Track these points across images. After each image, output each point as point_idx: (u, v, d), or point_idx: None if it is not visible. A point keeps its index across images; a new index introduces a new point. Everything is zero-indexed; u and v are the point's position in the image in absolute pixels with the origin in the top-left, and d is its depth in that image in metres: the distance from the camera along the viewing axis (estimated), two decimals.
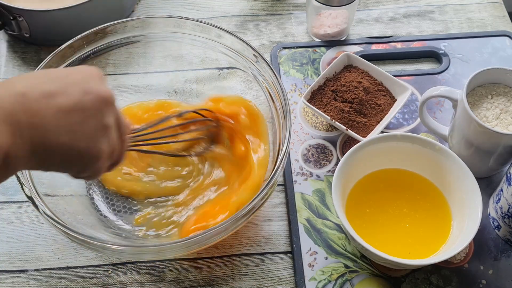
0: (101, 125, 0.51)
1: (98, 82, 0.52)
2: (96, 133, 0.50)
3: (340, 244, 0.73)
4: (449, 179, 0.72)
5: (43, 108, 0.47)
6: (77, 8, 0.86)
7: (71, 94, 0.49)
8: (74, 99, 0.49)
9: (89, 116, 0.50)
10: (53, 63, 0.75)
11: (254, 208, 0.66)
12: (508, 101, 0.74)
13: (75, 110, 0.49)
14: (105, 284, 0.71)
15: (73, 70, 0.52)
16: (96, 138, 0.51)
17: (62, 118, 0.48)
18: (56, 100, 0.48)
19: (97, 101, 0.50)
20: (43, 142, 0.47)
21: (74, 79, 0.50)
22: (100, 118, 0.51)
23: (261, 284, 0.71)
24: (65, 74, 0.51)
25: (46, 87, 0.48)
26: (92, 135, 0.50)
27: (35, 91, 0.47)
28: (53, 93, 0.48)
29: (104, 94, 0.51)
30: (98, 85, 0.51)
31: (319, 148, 0.81)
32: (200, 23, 0.79)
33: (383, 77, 0.83)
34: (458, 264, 0.72)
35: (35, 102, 0.47)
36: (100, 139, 0.51)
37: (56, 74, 0.50)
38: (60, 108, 0.48)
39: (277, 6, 0.97)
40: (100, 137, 0.51)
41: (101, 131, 0.51)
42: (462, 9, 0.97)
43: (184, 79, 0.85)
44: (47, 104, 0.47)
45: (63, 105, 0.48)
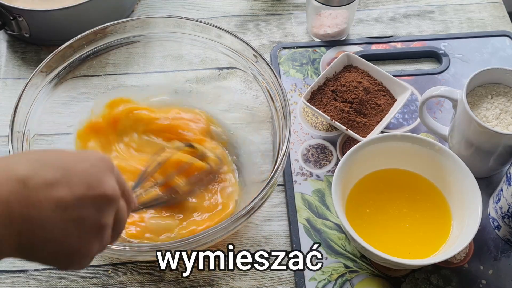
0: (98, 226, 0.47)
1: (105, 176, 0.47)
2: (91, 233, 0.47)
3: (340, 244, 0.73)
4: (449, 179, 0.72)
5: (41, 200, 0.43)
6: (77, 8, 0.86)
7: (74, 187, 0.45)
8: (76, 194, 0.45)
9: (88, 215, 0.46)
10: (53, 63, 0.76)
11: (254, 208, 0.66)
12: (508, 101, 0.74)
13: (74, 206, 0.45)
14: (105, 284, 0.71)
15: (82, 157, 0.48)
16: (90, 238, 0.47)
17: (59, 214, 0.44)
18: (57, 192, 0.44)
19: (99, 199, 0.46)
20: (32, 238, 0.44)
21: (80, 168, 0.46)
22: (98, 218, 0.46)
23: (261, 284, 0.71)
24: (72, 160, 0.47)
25: (50, 175, 0.44)
26: (86, 236, 0.46)
27: (37, 179, 0.43)
28: (55, 183, 0.44)
29: (109, 193, 0.47)
30: (104, 179, 0.47)
31: (319, 148, 0.81)
32: (200, 23, 0.79)
33: (383, 77, 0.83)
34: (458, 264, 0.72)
35: (34, 192, 0.43)
36: (93, 240, 0.47)
37: (62, 160, 0.46)
38: (60, 202, 0.44)
39: (277, 6, 0.97)
40: (94, 237, 0.47)
41: (96, 232, 0.47)
42: (462, 9, 0.97)
43: (184, 79, 0.85)
44: (46, 196, 0.44)
45: (63, 199, 0.44)
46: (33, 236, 0.43)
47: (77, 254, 0.47)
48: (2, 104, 0.86)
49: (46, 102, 0.76)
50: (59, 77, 0.77)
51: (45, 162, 0.45)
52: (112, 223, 0.49)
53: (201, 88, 0.84)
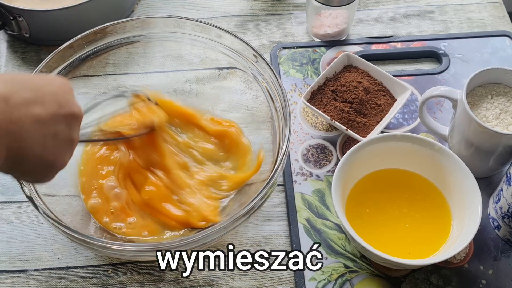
0: (69, 139, 0.54)
1: (71, 96, 0.54)
2: (64, 146, 0.53)
3: (340, 244, 0.73)
4: (449, 179, 0.72)
5: (22, 116, 0.48)
6: (77, 8, 0.86)
7: (48, 106, 0.51)
8: (50, 111, 0.51)
9: (61, 130, 0.52)
10: (53, 63, 0.76)
11: (254, 208, 0.66)
12: (508, 101, 0.74)
13: (50, 122, 0.51)
14: (105, 284, 0.71)
15: (47, 80, 0.54)
16: (63, 151, 0.53)
17: (38, 129, 0.50)
18: (34, 110, 0.49)
19: (69, 115, 0.53)
20: (17, 151, 0.49)
21: (50, 90, 0.52)
22: (69, 132, 0.53)
23: (261, 284, 0.71)
24: (41, 83, 0.52)
25: (27, 94, 0.50)
26: (61, 148, 0.53)
27: (16, 97, 0.49)
28: (32, 102, 0.50)
29: (76, 110, 0.54)
30: (71, 99, 0.54)
31: (319, 148, 0.81)
32: (200, 23, 0.79)
33: (383, 77, 0.83)
34: (458, 264, 0.72)
35: (15, 109, 0.48)
36: (66, 152, 0.54)
37: (33, 82, 0.52)
38: (37, 118, 0.50)
39: (277, 6, 0.97)
40: (66, 150, 0.54)
41: (68, 145, 0.54)
42: (462, 9, 0.97)
43: (184, 79, 0.85)
44: (25, 113, 0.49)
45: (40, 116, 0.50)
46: (18, 150, 0.49)
47: (53, 166, 0.53)
48: None
49: None
50: None
51: (19, 82, 0.50)
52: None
53: (201, 88, 0.84)
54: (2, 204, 0.78)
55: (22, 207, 0.77)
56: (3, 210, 0.77)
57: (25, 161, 0.50)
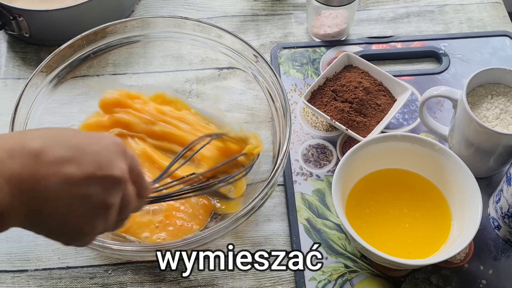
0: (103, 205, 0.48)
1: (116, 158, 0.48)
2: (95, 212, 0.48)
3: (340, 244, 0.73)
4: (449, 179, 0.72)
5: (50, 175, 0.45)
6: (77, 8, 0.86)
7: (84, 166, 0.46)
8: (85, 173, 0.46)
9: (93, 194, 0.47)
10: (53, 63, 0.76)
11: (254, 208, 0.66)
12: (508, 101, 0.74)
13: (81, 184, 0.46)
14: (105, 284, 0.71)
15: (95, 138, 0.49)
16: (94, 217, 0.48)
17: (66, 190, 0.45)
18: (66, 169, 0.45)
19: (107, 179, 0.47)
20: (38, 210, 0.45)
21: (92, 150, 0.47)
22: (103, 197, 0.47)
23: (261, 284, 0.71)
24: (85, 141, 0.48)
25: (62, 153, 0.45)
26: (91, 213, 0.47)
27: (49, 155, 0.45)
28: (66, 161, 0.45)
29: (117, 174, 0.48)
30: (114, 161, 0.48)
31: (319, 148, 0.81)
32: (200, 23, 0.79)
33: (383, 77, 0.83)
34: (458, 264, 0.72)
35: (45, 167, 0.44)
36: (97, 219, 0.48)
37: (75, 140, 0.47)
38: (68, 178, 0.45)
39: (277, 6, 0.97)
40: (98, 217, 0.48)
41: (100, 211, 0.48)
42: (462, 9, 0.97)
43: (184, 79, 0.85)
44: (54, 172, 0.45)
45: (72, 176, 0.45)
46: (38, 209, 0.45)
47: (80, 231, 0.48)
48: (2, 104, 0.86)
49: (46, 102, 0.76)
50: (59, 77, 0.77)
51: (59, 139, 0.47)
52: (119, 206, 0.49)
53: (201, 88, 0.84)
54: None
55: None
56: None
57: (47, 222, 0.46)
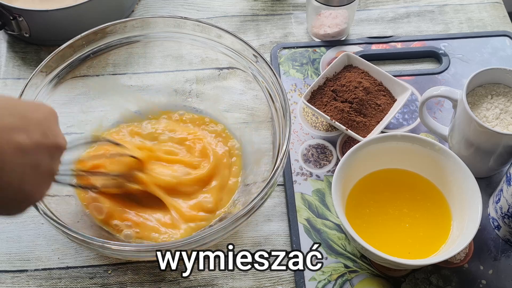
0: (50, 171, 0.51)
1: (56, 126, 0.52)
2: (44, 179, 0.50)
3: (340, 244, 0.73)
4: (449, 179, 0.72)
5: (3, 143, 0.46)
6: (77, 8, 0.86)
7: (32, 134, 0.48)
8: (34, 140, 0.48)
9: (43, 161, 0.49)
10: (53, 63, 0.76)
11: (254, 208, 0.66)
12: (508, 101, 0.74)
13: (32, 151, 0.48)
14: (105, 284, 0.71)
15: (34, 106, 0.51)
16: (42, 183, 0.50)
17: (19, 158, 0.47)
18: (17, 137, 0.47)
19: (53, 146, 0.50)
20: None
21: (35, 118, 0.49)
22: (51, 164, 0.50)
23: (261, 284, 0.71)
24: (27, 109, 0.50)
25: (10, 120, 0.47)
26: (40, 180, 0.50)
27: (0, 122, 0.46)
28: (15, 128, 0.47)
29: (60, 142, 0.51)
30: (56, 129, 0.52)
31: (319, 148, 0.81)
32: (200, 23, 0.79)
33: (383, 77, 0.83)
34: (458, 264, 0.72)
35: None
36: (45, 185, 0.51)
37: (19, 108, 0.49)
38: (19, 146, 0.47)
39: (277, 6, 0.97)
40: (46, 183, 0.51)
41: (48, 177, 0.51)
42: (462, 9, 0.97)
43: (184, 79, 0.85)
44: (7, 140, 0.46)
45: (23, 144, 0.47)
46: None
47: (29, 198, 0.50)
48: None
49: (46, 102, 0.76)
50: (59, 77, 0.77)
51: (3, 107, 0.48)
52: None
53: (201, 88, 0.84)
54: None
55: None
56: None
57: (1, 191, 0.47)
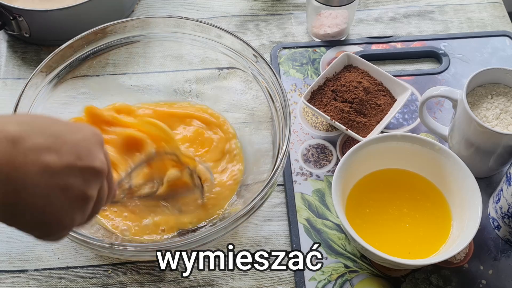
0: (82, 196, 0.46)
1: (96, 149, 0.47)
2: (75, 203, 0.46)
3: (340, 244, 0.73)
4: (449, 179, 0.72)
5: (28, 163, 0.42)
6: (77, 8, 0.86)
7: (64, 155, 0.44)
8: (65, 162, 0.44)
9: (74, 185, 0.45)
10: (53, 63, 0.76)
11: (254, 208, 0.66)
12: (508, 101, 0.74)
13: (61, 173, 0.44)
14: (105, 284, 0.71)
15: (74, 128, 0.47)
16: (73, 209, 0.46)
17: (45, 179, 0.43)
18: (45, 157, 0.43)
19: (87, 170, 0.46)
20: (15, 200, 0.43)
21: (72, 139, 0.46)
22: (83, 188, 0.46)
23: (261, 284, 0.71)
24: (65, 130, 0.46)
25: (41, 140, 0.43)
26: (70, 205, 0.46)
27: (27, 142, 0.43)
28: (45, 149, 0.43)
29: (98, 165, 0.47)
30: (94, 152, 0.47)
31: (319, 148, 0.81)
32: (200, 23, 0.79)
33: (383, 77, 0.83)
34: (458, 264, 0.72)
35: (22, 155, 0.42)
36: (76, 211, 0.46)
37: (55, 128, 0.46)
38: (47, 167, 0.43)
39: (277, 6, 0.97)
40: (77, 208, 0.46)
41: (80, 203, 0.46)
42: (462, 9, 0.97)
43: (184, 79, 0.85)
44: (33, 160, 0.43)
45: (51, 165, 0.43)
46: (16, 198, 0.43)
47: (57, 224, 0.46)
48: (2, 104, 0.86)
49: (46, 102, 0.76)
50: (59, 77, 0.77)
51: (38, 126, 0.44)
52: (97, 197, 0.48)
53: (201, 88, 0.84)
54: None
55: None
56: None
57: (23, 213, 0.44)
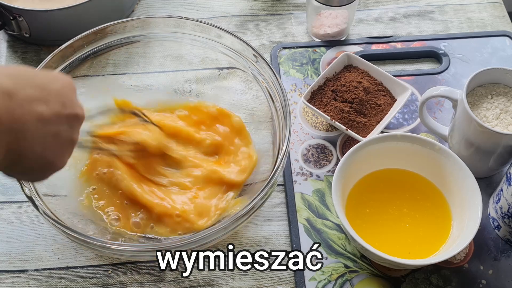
0: (70, 140, 0.53)
1: (74, 96, 0.54)
2: (64, 147, 0.53)
3: (340, 244, 0.73)
4: (449, 179, 0.72)
5: (26, 114, 0.48)
6: (77, 8, 0.86)
7: (52, 105, 0.50)
8: (54, 110, 0.50)
9: (63, 130, 0.52)
10: (53, 63, 0.76)
11: (254, 208, 0.66)
12: (508, 101, 0.74)
13: (52, 121, 0.50)
14: (105, 284, 0.71)
15: (52, 77, 0.53)
16: (63, 151, 0.53)
17: (40, 128, 0.49)
18: (38, 108, 0.49)
19: (72, 116, 0.52)
20: (18, 148, 0.48)
21: (54, 88, 0.51)
22: (70, 133, 0.53)
23: (261, 284, 0.71)
24: (46, 80, 0.52)
25: (31, 91, 0.49)
26: (62, 148, 0.52)
27: (21, 93, 0.48)
28: (36, 99, 0.49)
29: (79, 111, 0.54)
30: (74, 99, 0.54)
31: (319, 148, 0.81)
32: (200, 23, 0.79)
33: (383, 77, 0.83)
34: (458, 264, 0.72)
35: (19, 106, 0.47)
36: (65, 153, 0.54)
37: (38, 78, 0.51)
38: (40, 116, 0.49)
39: (277, 6, 0.97)
40: (66, 150, 0.53)
41: (68, 145, 0.53)
42: (462, 9, 0.97)
43: (184, 79, 0.85)
44: (29, 111, 0.48)
45: (43, 114, 0.49)
46: (17, 147, 0.48)
47: (52, 166, 0.53)
48: None
49: None
50: None
51: (24, 77, 0.50)
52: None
53: (201, 88, 0.84)
54: (2, 204, 0.78)
55: (22, 207, 0.77)
56: (3, 210, 0.77)
57: (24, 159, 0.49)
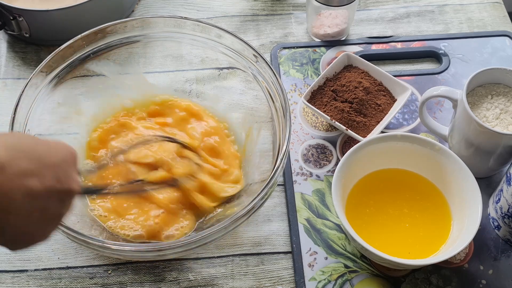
0: (57, 215, 0.51)
1: (72, 169, 0.52)
2: (50, 221, 0.51)
3: (340, 244, 0.73)
4: (449, 179, 0.72)
5: (14, 188, 0.46)
6: (77, 8, 0.86)
7: (44, 179, 0.48)
8: (46, 185, 0.48)
9: (52, 206, 0.49)
10: (53, 63, 0.76)
11: (254, 208, 0.66)
12: (508, 101, 0.74)
13: (42, 196, 0.48)
14: (105, 284, 0.71)
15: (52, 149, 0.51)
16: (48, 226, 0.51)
17: (27, 203, 0.47)
18: (29, 182, 0.47)
19: (64, 191, 0.50)
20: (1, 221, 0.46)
21: (52, 162, 0.50)
22: (60, 208, 0.51)
23: (261, 284, 0.71)
24: (46, 151, 0.50)
25: (25, 165, 0.47)
26: (46, 223, 0.50)
27: (13, 166, 0.46)
28: (29, 173, 0.47)
29: (73, 188, 0.51)
30: (72, 174, 0.51)
31: (319, 148, 0.81)
32: (200, 23, 0.79)
33: (383, 77, 0.83)
34: (458, 264, 0.72)
35: (8, 180, 0.46)
36: (51, 227, 0.51)
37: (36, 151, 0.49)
38: (30, 191, 0.47)
39: (277, 6, 0.97)
40: (52, 225, 0.51)
41: (55, 220, 0.51)
42: (462, 9, 0.97)
43: (184, 79, 0.85)
44: (18, 185, 0.46)
45: (34, 189, 0.47)
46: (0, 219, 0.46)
47: (33, 239, 0.50)
48: (2, 104, 0.86)
49: (46, 102, 0.76)
50: (59, 77, 0.77)
51: (21, 150, 0.48)
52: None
53: (201, 88, 0.84)
54: None
55: None
56: None
57: (6, 232, 0.48)
